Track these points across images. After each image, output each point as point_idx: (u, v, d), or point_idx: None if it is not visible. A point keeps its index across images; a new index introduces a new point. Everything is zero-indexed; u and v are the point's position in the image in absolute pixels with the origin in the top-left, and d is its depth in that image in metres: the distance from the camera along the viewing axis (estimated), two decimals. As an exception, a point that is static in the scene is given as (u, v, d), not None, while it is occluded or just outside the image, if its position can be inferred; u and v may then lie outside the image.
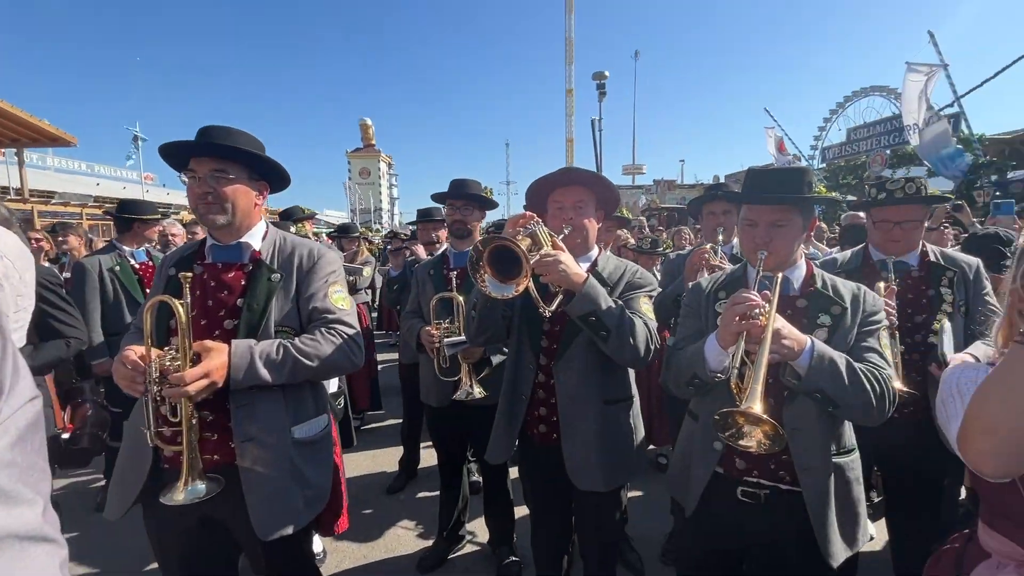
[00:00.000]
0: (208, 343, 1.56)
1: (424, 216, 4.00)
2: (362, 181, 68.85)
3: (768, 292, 1.48)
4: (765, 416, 1.24)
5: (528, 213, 1.79)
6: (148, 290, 3.63)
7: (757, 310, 1.41)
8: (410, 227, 6.47)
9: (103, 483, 3.79)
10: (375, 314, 6.80)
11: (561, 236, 1.84)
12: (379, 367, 6.81)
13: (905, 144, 17.51)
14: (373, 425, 5.33)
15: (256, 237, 1.79)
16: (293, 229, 4.42)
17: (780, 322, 1.42)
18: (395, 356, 7.25)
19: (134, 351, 1.53)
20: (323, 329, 1.75)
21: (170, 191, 37.92)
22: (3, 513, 0.50)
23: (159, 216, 3.94)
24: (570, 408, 1.93)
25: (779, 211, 1.62)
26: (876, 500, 2.89)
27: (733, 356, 1.44)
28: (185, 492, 1.51)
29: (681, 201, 25.27)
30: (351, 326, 1.81)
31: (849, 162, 21.69)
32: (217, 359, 1.53)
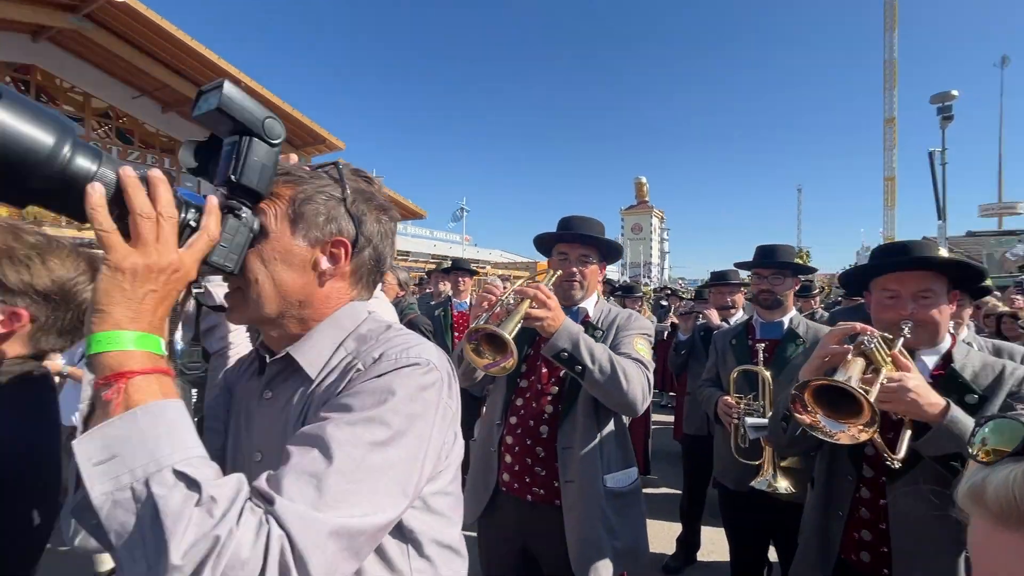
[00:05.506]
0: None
1: (719, 279, 3.81)
2: (634, 236, 71.05)
3: None
4: None
5: (863, 326, 1.46)
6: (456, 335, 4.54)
7: None
8: (679, 281, 6.22)
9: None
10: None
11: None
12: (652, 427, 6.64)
13: None
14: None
15: (590, 304, 2.10)
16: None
17: None
18: (668, 418, 6.95)
19: None
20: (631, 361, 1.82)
21: (479, 249, 47.62)
22: None
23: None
24: (909, 540, 1.47)
25: None
26: None
27: None
28: None
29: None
30: (649, 371, 1.86)
31: None
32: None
